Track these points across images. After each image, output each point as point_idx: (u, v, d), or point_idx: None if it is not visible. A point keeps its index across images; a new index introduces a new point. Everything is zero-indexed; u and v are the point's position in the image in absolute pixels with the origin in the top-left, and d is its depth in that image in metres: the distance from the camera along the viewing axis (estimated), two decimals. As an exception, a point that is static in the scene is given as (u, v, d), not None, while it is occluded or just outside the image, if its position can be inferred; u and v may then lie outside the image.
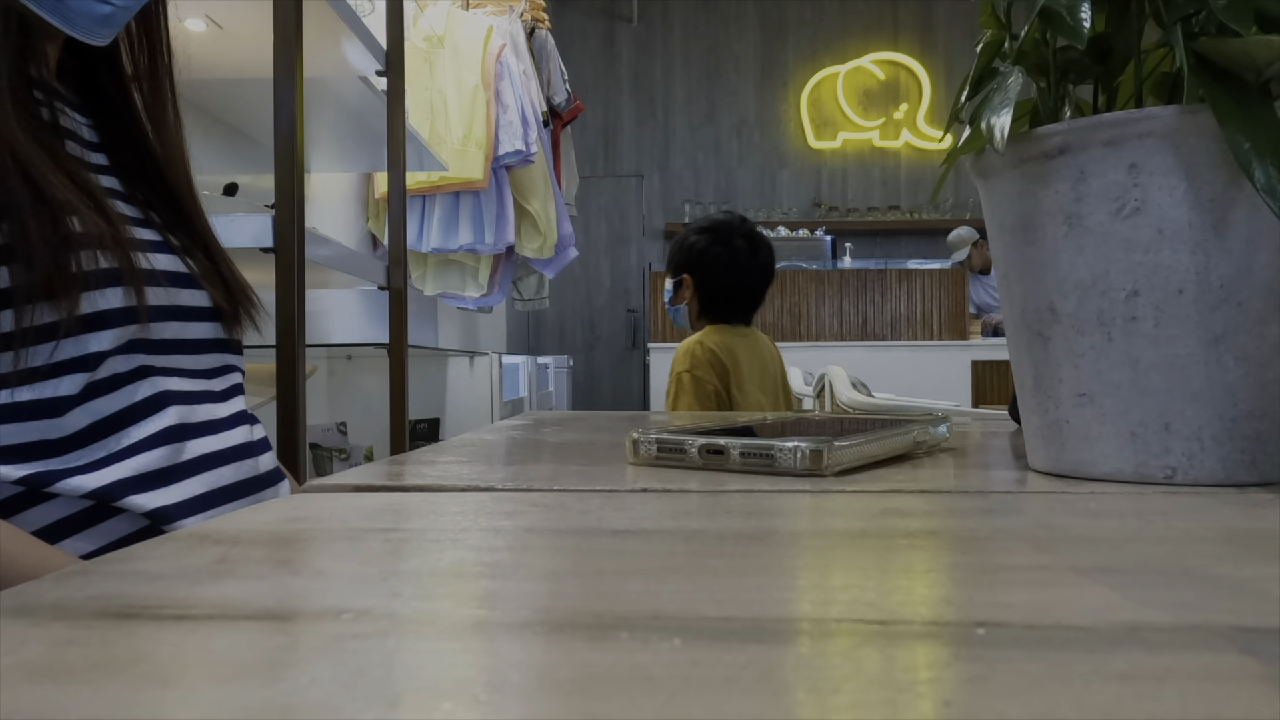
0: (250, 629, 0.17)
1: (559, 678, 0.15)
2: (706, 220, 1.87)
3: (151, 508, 0.56)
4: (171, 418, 0.59)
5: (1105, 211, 0.36)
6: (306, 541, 0.26)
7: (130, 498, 0.55)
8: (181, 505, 0.58)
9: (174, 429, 0.59)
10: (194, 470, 0.60)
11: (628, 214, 5.57)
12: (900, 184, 5.53)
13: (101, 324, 0.56)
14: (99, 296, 0.55)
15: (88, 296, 0.55)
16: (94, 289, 0.55)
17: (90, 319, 0.55)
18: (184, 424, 0.60)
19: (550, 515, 0.30)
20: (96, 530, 0.55)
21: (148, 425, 0.58)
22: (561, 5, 5.39)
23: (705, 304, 1.84)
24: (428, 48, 2.45)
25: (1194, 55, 0.34)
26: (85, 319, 0.55)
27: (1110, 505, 0.32)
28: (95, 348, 0.55)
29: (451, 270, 2.69)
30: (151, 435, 0.58)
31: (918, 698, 0.14)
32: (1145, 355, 0.35)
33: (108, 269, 0.56)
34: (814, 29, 5.52)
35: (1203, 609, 0.19)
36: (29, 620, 0.18)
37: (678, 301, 1.87)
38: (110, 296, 0.56)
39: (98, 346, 0.55)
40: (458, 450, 0.50)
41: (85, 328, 0.55)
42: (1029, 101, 0.41)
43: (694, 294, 1.84)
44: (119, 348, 0.57)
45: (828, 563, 0.24)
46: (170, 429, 0.59)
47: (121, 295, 0.57)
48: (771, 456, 0.39)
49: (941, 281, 3.39)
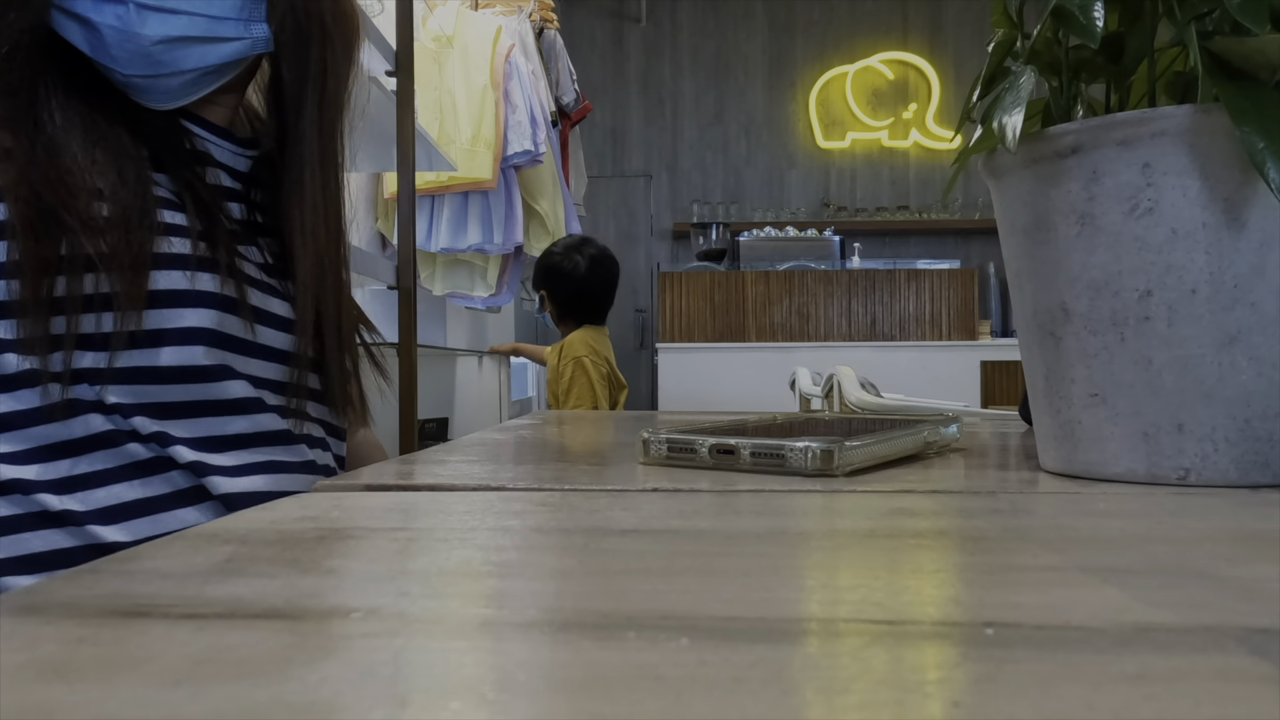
0: (260, 627, 0.17)
1: (566, 677, 0.15)
2: (560, 243, 2.34)
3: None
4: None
5: (1118, 211, 0.35)
6: (316, 540, 0.26)
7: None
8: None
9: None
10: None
11: (636, 214, 5.57)
12: (909, 184, 5.51)
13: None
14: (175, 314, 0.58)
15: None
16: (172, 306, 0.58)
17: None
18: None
19: (558, 515, 0.30)
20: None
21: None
22: (570, 5, 5.40)
23: (563, 312, 2.30)
24: (437, 48, 2.45)
25: (1208, 54, 0.34)
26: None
27: (1121, 505, 0.32)
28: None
29: (460, 270, 2.69)
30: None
31: (926, 698, 0.14)
32: (1158, 355, 0.35)
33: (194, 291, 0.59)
34: (823, 29, 5.51)
35: (1213, 610, 0.19)
36: (40, 618, 0.18)
37: (542, 310, 2.36)
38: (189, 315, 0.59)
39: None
40: (467, 450, 0.50)
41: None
42: (1041, 101, 0.41)
43: (553, 305, 2.30)
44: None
45: (836, 563, 0.23)
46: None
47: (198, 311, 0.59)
48: (782, 456, 0.39)
49: (950, 282, 3.38)
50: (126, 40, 0.57)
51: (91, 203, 0.56)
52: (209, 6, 0.59)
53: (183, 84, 0.60)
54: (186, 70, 0.60)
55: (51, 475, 0.56)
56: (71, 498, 0.56)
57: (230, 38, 0.60)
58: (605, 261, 2.30)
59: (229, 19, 0.60)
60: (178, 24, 0.58)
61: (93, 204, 0.56)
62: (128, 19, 0.56)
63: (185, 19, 0.58)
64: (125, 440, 0.58)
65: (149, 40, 0.57)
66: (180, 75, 0.60)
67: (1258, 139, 0.32)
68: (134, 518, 0.58)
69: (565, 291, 2.27)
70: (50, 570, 0.55)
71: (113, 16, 0.56)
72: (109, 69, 0.58)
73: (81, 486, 0.57)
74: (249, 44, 0.61)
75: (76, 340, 0.56)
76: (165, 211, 0.60)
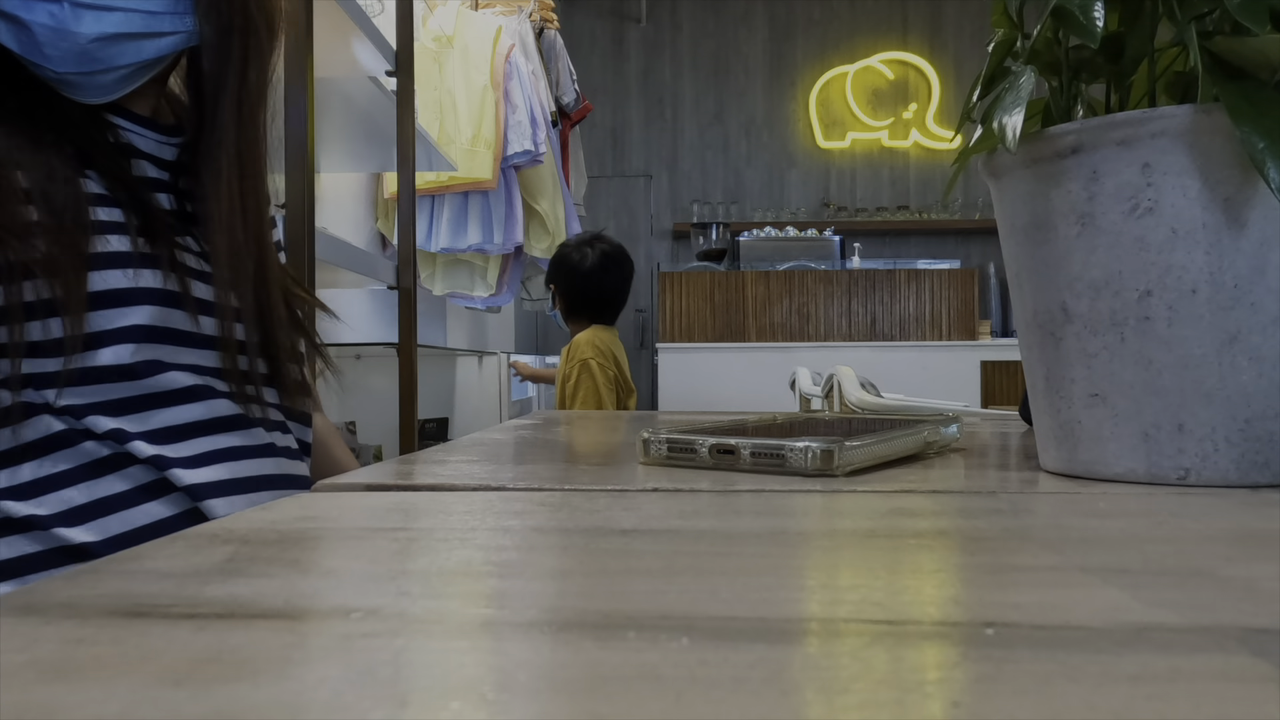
0: (260, 628, 0.17)
1: (567, 677, 0.15)
2: (574, 238, 2.27)
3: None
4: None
5: (1118, 211, 0.35)
6: (316, 540, 0.26)
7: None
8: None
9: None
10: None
11: (636, 214, 5.57)
12: (909, 184, 5.51)
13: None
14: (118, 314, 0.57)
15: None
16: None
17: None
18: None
19: (559, 515, 0.30)
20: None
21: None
22: (570, 6, 5.39)
23: (571, 307, 2.22)
24: (437, 48, 2.45)
25: (1208, 54, 0.34)
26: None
27: (1121, 506, 0.32)
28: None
29: (460, 270, 2.69)
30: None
31: (926, 698, 0.14)
32: (1158, 355, 0.35)
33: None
34: (823, 29, 5.51)
35: (1214, 610, 0.19)
36: (39, 618, 0.18)
37: (554, 308, 2.28)
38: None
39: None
40: (467, 450, 0.50)
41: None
42: (1041, 101, 0.41)
43: (561, 300, 2.23)
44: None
45: (836, 563, 0.23)
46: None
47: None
48: (782, 456, 0.39)
49: (951, 282, 3.38)
50: (61, 39, 0.56)
51: (19, 207, 0.55)
52: (144, 2, 0.58)
53: (116, 79, 0.60)
54: (121, 66, 0.59)
55: (11, 482, 0.56)
56: (34, 503, 0.56)
57: (166, 32, 0.60)
58: (617, 258, 2.22)
59: (164, 13, 0.59)
60: (113, 20, 0.57)
61: (20, 208, 0.55)
62: (62, 17, 0.55)
63: (120, 15, 0.57)
64: (81, 440, 0.57)
65: (85, 38, 0.56)
66: (115, 71, 0.59)
67: (1258, 139, 0.31)
68: (100, 517, 0.57)
69: (573, 286, 2.20)
70: (20, 577, 0.55)
71: (45, 15, 0.55)
72: (39, 67, 0.57)
73: (43, 490, 0.56)
74: (184, 37, 0.61)
75: (25, 348, 0.55)
76: (99, 209, 0.59)
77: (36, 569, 0.55)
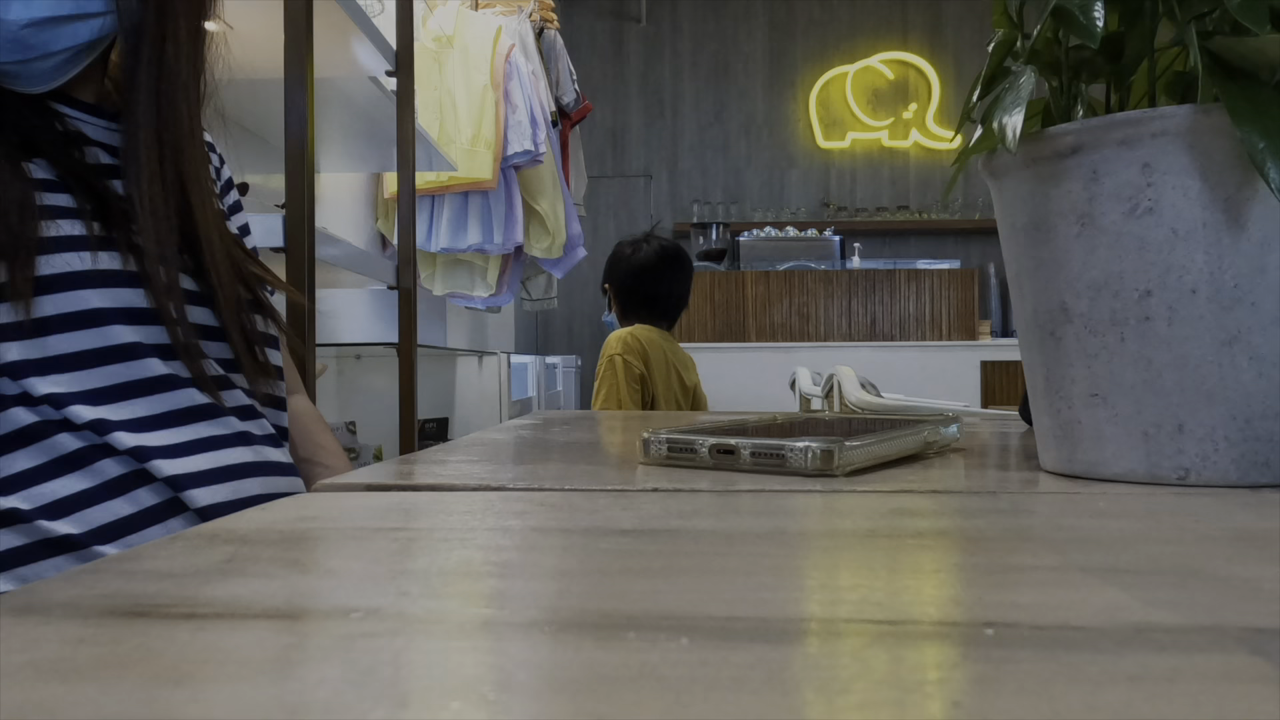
0: (259, 628, 0.17)
1: (567, 677, 0.15)
2: (630, 238, 2.20)
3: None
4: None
5: (1118, 211, 0.35)
6: (316, 540, 0.26)
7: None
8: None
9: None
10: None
11: (636, 214, 5.57)
12: (909, 184, 5.51)
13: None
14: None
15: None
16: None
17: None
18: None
19: (559, 515, 0.30)
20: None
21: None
22: (570, 6, 5.39)
23: (624, 307, 2.14)
24: (437, 48, 2.45)
25: (1208, 54, 0.34)
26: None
27: (1121, 506, 0.32)
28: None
29: (460, 270, 2.69)
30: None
31: (926, 698, 0.14)
32: (1158, 355, 0.35)
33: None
34: (823, 29, 5.51)
35: (1213, 610, 0.19)
36: (39, 618, 0.18)
37: (610, 312, 2.21)
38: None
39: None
40: (467, 450, 0.50)
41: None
42: (1041, 101, 0.41)
43: (615, 299, 2.16)
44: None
45: (837, 562, 0.23)
46: None
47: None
48: (782, 456, 0.39)
49: (950, 282, 3.38)
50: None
51: None
52: None
53: (55, 65, 0.59)
54: (57, 51, 0.58)
55: None
56: (15, 497, 0.55)
57: (97, 13, 0.59)
58: (672, 256, 2.14)
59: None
60: (43, 5, 0.57)
61: None
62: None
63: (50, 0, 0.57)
64: (56, 432, 0.57)
65: (16, 25, 0.56)
66: (52, 57, 0.58)
67: (1258, 139, 0.31)
68: (82, 509, 0.57)
69: (624, 283, 2.11)
70: (9, 570, 0.55)
71: None
72: None
73: (23, 484, 0.56)
74: (114, 18, 0.60)
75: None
76: (47, 194, 0.59)
77: (24, 561, 0.55)
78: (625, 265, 2.11)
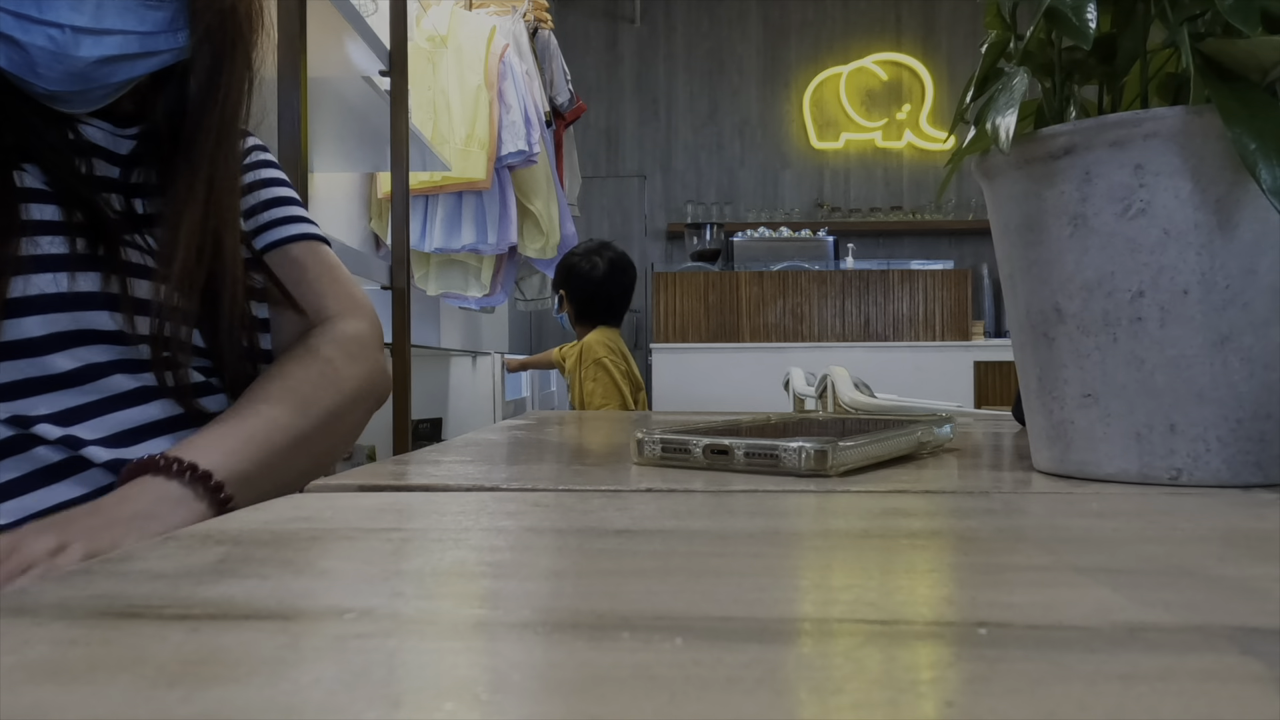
0: (253, 628, 0.17)
1: (560, 677, 0.15)
2: (581, 246, 2.47)
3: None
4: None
5: (1111, 212, 0.35)
6: (309, 541, 0.26)
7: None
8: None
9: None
10: None
11: (630, 214, 5.56)
12: (903, 184, 5.52)
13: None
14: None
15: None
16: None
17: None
18: None
19: (552, 515, 0.30)
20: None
21: None
22: (564, 6, 5.39)
23: (581, 313, 2.42)
24: (431, 48, 2.45)
25: (1200, 56, 0.34)
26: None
27: (1113, 506, 0.32)
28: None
29: (454, 270, 2.69)
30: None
31: (920, 698, 0.14)
32: (1150, 356, 0.35)
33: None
34: (816, 30, 5.52)
35: (1205, 609, 0.19)
36: (31, 619, 0.18)
37: (560, 311, 2.48)
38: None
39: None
40: (461, 450, 0.50)
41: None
42: (1034, 102, 0.41)
43: (572, 305, 2.42)
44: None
45: (830, 563, 0.24)
46: None
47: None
48: (776, 457, 0.39)
49: (944, 282, 3.38)
50: (58, 61, 0.55)
51: None
52: (142, 23, 0.58)
53: (106, 94, 0.60)
54: (116, 83, 0.59)
55: None
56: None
57: (161, 51, 0.60)
58: (623, 265, 2.45)
59: (159, 33, 0.59)
60: (112, 44, 0.57)
61: None
62: (62, 41, 0.55)
63: (120, 38, 0.57)
64: (33, 445, 0.57)
65: (84, 62, 0.56)
66: (108, 88, 0.59)
67: (1249, 140, 0.32)
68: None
69: (583, 292, 2.39)
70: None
71: (44, 38, 0.55)
72: (26, 83, 0.57)
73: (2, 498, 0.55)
74: (176, 54, 0.61)
75: None
76: (33, 207, 0.58)
77: None
78: (584, 278, 2.38)
